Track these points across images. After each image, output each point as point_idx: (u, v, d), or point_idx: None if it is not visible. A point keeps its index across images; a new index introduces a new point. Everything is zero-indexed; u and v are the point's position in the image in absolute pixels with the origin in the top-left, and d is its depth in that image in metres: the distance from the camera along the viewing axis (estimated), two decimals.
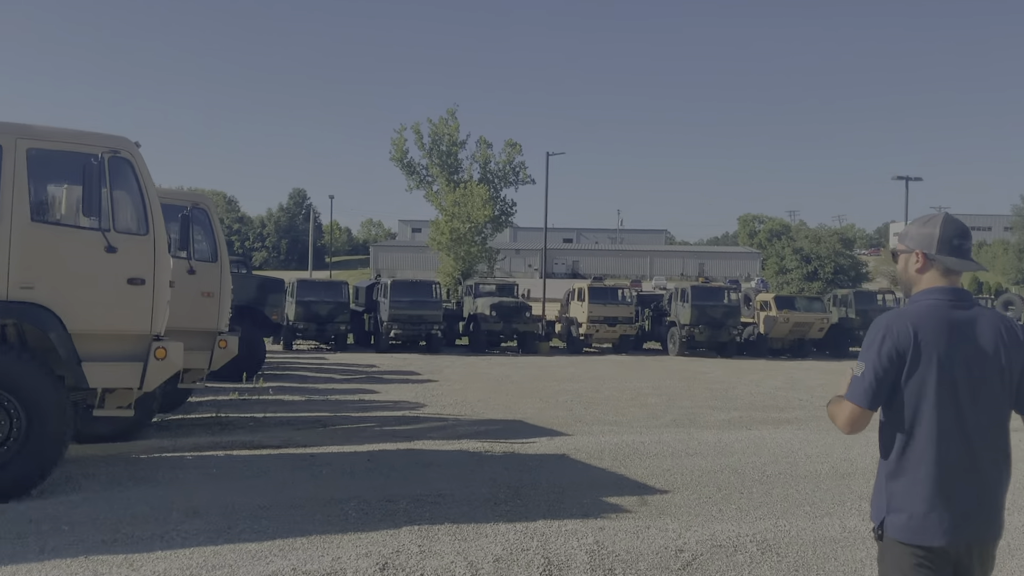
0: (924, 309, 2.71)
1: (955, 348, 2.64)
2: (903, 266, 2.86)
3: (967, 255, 2.78)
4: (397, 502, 6.59)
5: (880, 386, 2.65)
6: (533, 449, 9.29)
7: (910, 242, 2.84)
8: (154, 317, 7.02)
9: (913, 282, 2.83)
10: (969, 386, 2.64)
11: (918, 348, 2.62)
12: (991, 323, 2.72)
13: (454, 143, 52.59)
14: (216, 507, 6.32)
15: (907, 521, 2.63)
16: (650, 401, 15.21)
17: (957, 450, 2.62)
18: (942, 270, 2.76)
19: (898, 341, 2.64)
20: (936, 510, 2.60)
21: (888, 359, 2.64)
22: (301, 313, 28.27)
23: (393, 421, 11.53)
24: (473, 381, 18.65)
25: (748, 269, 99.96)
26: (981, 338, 2.68)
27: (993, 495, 2.67)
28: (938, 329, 2.65)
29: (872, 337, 2.70)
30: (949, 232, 2.76)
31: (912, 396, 2.64)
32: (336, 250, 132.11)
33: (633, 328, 31.87)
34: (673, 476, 8.02)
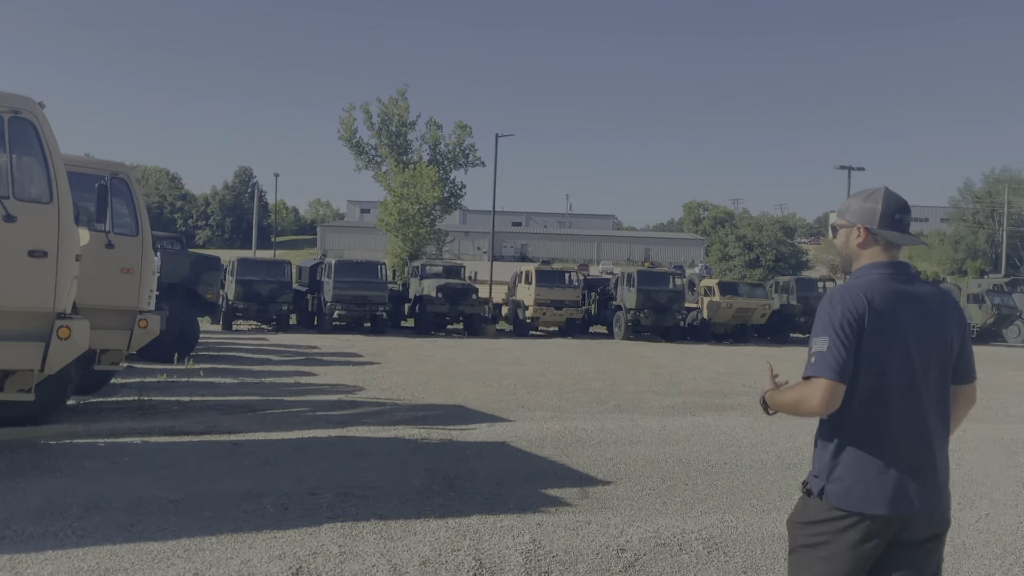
0: (871, 280, 2.68)
1: (904, 318, 2.63)
2: (844, 240, 2.82)
3: (907, 229, 2.78)
4: (321, 495, 6.13)
5: (848, 356, 2.56)
6: (472, 436, 8.89)
7: (851, 216, 2.80)
8: (57, 293, 6.50)
9: (854, 257, 2.80)
10: (918, 356, 2.62)
11: (874, 316, 2.59)
12: (933, 296, 2.72)
13: (404, 124, 51.97)
14: (121, 501, 5.79)
15: (851, 487, 2.58)
16: (594, 386, 14.93)
17: (904, 419, 2.59)
18: (884, 244, 2.75)
19: (854, 310, 2.59)
20: (881, 477, 2.56)
21: (850, 327, 2.57)
22: (241, 292, 27.55)
23: (328, 406, 11.03)
24: (416, 364, 18.20)
25: (692, 255, 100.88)
26: (926, 309, 2.67)
27: (940, 466, 2.64)
28: (889, 300, 2.63)
29: (826, 311, 2.63)
30: (891, 206, 2.75)
31: (866, 366, 2.58)
32: (283, 230, 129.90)
33: (579, 312, 31.77)
34: (616, 466, 7.70)
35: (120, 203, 9.35)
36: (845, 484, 2.59)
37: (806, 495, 2.70)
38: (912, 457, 2.58)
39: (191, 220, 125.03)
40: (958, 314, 2.76)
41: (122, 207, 9.39)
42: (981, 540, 5.69)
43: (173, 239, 24.48)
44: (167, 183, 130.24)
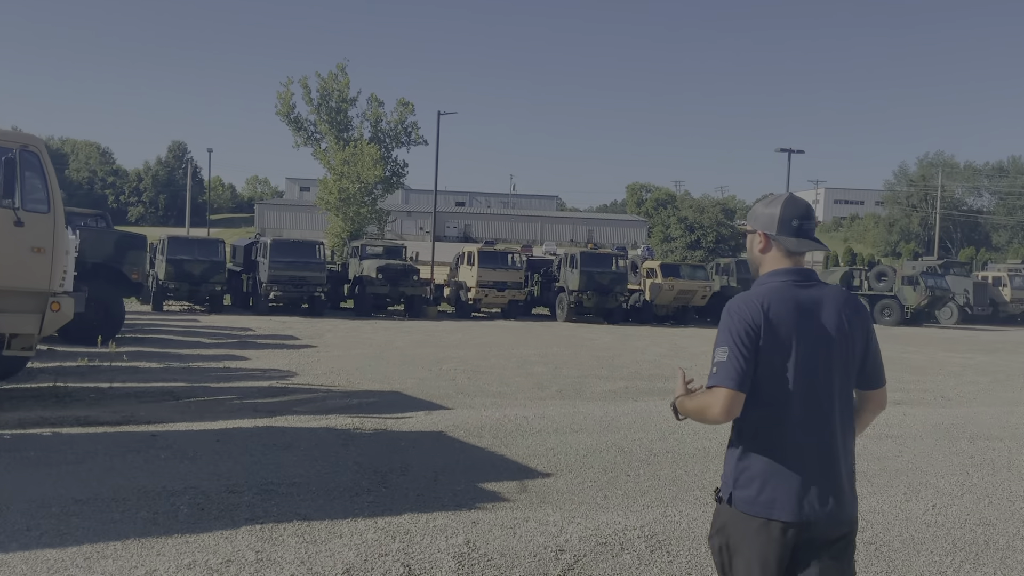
0: (770, 289, 2.71)
1: (803, 325, 2.64)
2: (750, 246, 2.88)
3: (808, 235, 2.78)
4: (241, 493, 5.73)
5: (748, 366, 2.59)
6: (408, 426, 8.54)
7: (755, 222, 2.84)
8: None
9: (759, 262, 2.84)
10: (818, 362, 2.63)
11: (769, 326, 2.61)
12: (835, 301, 2.72)
13: (344, 100, 50.94)
14: (21, 502, 5.32)
15: (756, 495, 2.60)
16: (536, 370, 14.68)
17: (807, 426, 2.61)
18: (784, 251, 2.77)
19: (751, 320, 2.62)
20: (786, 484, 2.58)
21: (747, 337, 2.61)
22: (172, 272, 26.65)
23: (257, 393, 10.56)
24: (354, 347, 17.74)
25: (635, 237, 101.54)
26: (827, 315, 2.68)
27: (843, 470, 2.65)
28: (786, 308, 2.65)
29: (725, 321, 2.67)
30: (789, 213, 2.77)
31: (765, 373, 2.61)
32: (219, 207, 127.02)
33: (522, 293, 31.53)
34: (557, 456, 7.43)
35: (30, 178, 8.71)
36: (751, 490, 2.63)
37: (717, 501, 2.73)
38: (815, 462, 2.60)
39: (123, 197, 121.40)
40: (863, 318, 2.76)
41: (33, 182, 8.75)
42: (930, 534, 5.55)
43: (97, 216, 23.45)
44: (97, 158, 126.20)
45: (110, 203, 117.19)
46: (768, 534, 2.58)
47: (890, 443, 8.74)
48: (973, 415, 10.99)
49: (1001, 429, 9.88)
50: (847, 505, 2.66)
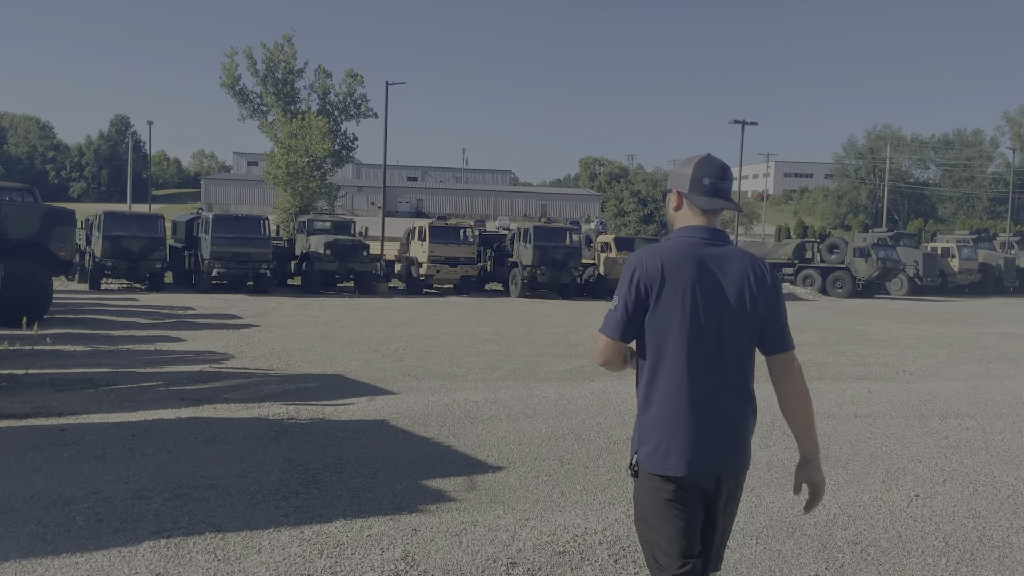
0: (674, 245, 2.73)
1: (701, 283, 2.65)
2: (667, 205, 2.89)
3: (721, 195, 2.79)
4: (150, 499, 5.04)
5: (631, 319, 2.66)
6: (348, 414, 7.88)
7: (671, 181, 2.87)
8: None
9: (672, 220, 2.86)
10: (714, 321, 2.65)
11: (663, 282, 2.64)
12: (740, 262, 2.72)
13: (290, 71, 49.57)
14: None
15: (652, 452, 2.65)
16: (488, 348, 14.09)
17: (700, 382, 2.64)
18: (696, 209, 2.78)
19: (646, 274, 2.65)
20: (679, 440, 2.62)
21: (636, 292, 2.65)
22: (109, 249, 25.49)
23: (186, 379, 9.79)
24: (299, 326, 16.96)
25: (588, 211, 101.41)
26: (728, 276, 2.69)
27: (738, 426, 2.68)
28: (685, 264, 2.66)
29: (624, 272, 2.72)
30: (702, 172, 2.79)
31: (658, 329, 2.65)
32: (164, 183, 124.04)
33: (475, 269, 30.90)
34: (509, 446, 6.84)
35: None
36: (648, 448, 2.67)
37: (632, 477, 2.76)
38: (705, 419, 2.63)
39: (64, 172, 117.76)
40: (767, 281, 2.75)
41: None
42: (919, 530, 5.07)
43: (23, 190, 22.13)
44: (37, 132, 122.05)
45: (51, 179, 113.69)
46: (668, 491, 2.63)
47: (860, 424, 8.32)
48: (939, 391, 10.66)
49: (970, 406, 9.54)
50: (733, 462, 2.69)
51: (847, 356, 14.57)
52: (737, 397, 2.70)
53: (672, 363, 2.64)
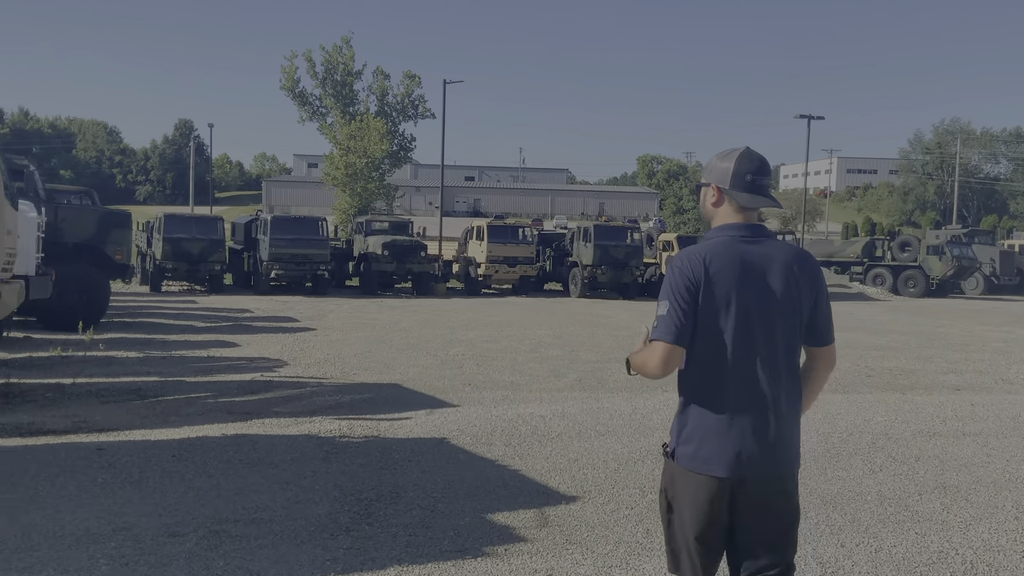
0: (716, 244, 2.68)
1: (746, 282, 2.61)
2: (703, 200, 2.82)
3: (761, 191, 2.74)
4: (184, 538, 4.49)
5: (686, 319, 2.60)
6: (405, 431, 7.29)
7: (709, 176, 2.80)
8: None
9: (711, 216, 2.79)
10: (760, 319, 2.61)
11: (709, 282, 2.60)
12: (783, 257, 2.68)
13: (349, 73, 49.48)
14: None
15: (696, 451, 2.61)
16: (551, 353, 13.43)
17: (747, 382, 2.61)
18: (736, 206, 2.73)
19: (691, 276, 2.61)
20: (723, 442, 2.58)
21: (687, 292, 2.60)
22: (169, 251, 25.54)
23: (236, 389, 9.31)
24: (356, 329, 16.53)
25: (646, 209, 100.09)
26: (773, 272, 2.65)
27: (785, 427, 2.64)
28: (729, 263, 2.62)
29: (668, 276, 2.67)
30: (744, 167, 2.72)
31: (704, 329, 2.61)
32: (227, 185, 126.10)
33: (534, 269, 30.28)
34: (582, 470, 6.17)
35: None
36: (691, 446, 2.63)
37: (665, 456, 2.75)
38: (751, 420, 2.60)
39: (131, 176, 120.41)
40: (812, 275, 2.72)
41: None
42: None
43: (81, 193, 22.18)
44: (104, 137, 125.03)
45: (118, 182, 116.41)
46: (705, 489, 2.59)
47: (971, 444, 7.45)
48: None
49: None
50: (784, 463, 2.66)
51: (934, 362, 13.56)
52: (785, 396, 2.65)
53: (717, 363, 2.61)
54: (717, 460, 2.58)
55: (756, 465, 2.59)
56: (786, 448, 2.66)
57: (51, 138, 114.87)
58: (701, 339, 2.61)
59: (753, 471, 2.59)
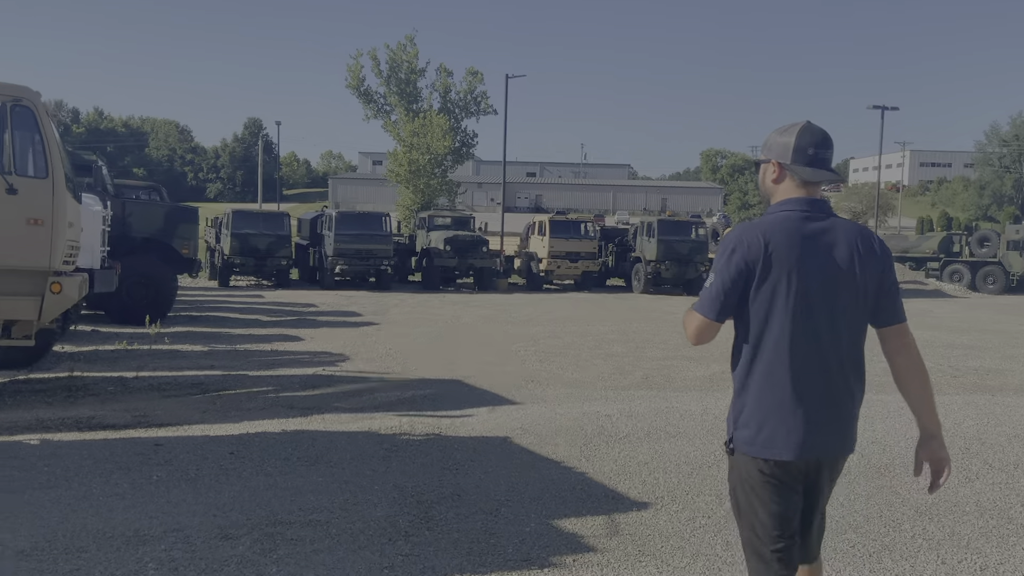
0: (776, 220, 2.59)
1: (807, 259, 2.53)
2: (762, 176, 2.74)
3: (824, 165, 2.64)
4: (237, 540, 4.30)
5: (728, 297, 2.54)
6: (467, 429, 7.04)
7: (768, 151, 2.72)
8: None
9: (770, 192, 2.71)
10: (822, 298, 2.53)
11: (768, 259, 2.51)
12: (846, 235, 2.59)
13: (413, 71, 49.66)
14: None
15: (755, 435, 2.55)
16: (616, 350, 13.07)
17: (808, 363, 2.53)
18: (798, 181, 2.64)
19: (748, 252, 2.52)
20: (785, 423, 2.51)
21: (737, 270, 2.53)
22: (237, 247, 25.91)
23: (298, 384, 9.19)
24: (418, 324, 16.40)
25: (710, 204, 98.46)
26: (835, 250, 2.57)
27: (844, 409, 2.58)
28: (790, 240, 2.54)
29: (722, 249, 2.58)
30: (805, 141, 2.64)
31: (762, 308, 2.53)
32: (295, 182, 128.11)
33: (596, 264, 29.87)
34: (653, 475, 5.83)
35: (23, 137, 7.43)
36: (750, 430, 2.57)
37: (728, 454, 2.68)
38: (814, 400, 2.52)
39: (202, 173, 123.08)
40: (876, 251, 2.62)
41: (27, 142, 7.48)
42: None
43: (150, 189, 22.54)
44: (176, 136, 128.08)
45: (189, 180, 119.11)
46: (770, 474, 2.53)
47: None
48: None
49: None
50: (850, 444, 2.63)
51: (1022, 362, 12.83)
52: (848, 377, 2.57)
53: (777, 344, 2.52)
54: (781, 443, 2.52)
55: (826, 447, 2.56)
56: (852, 429, 2.62)
57: (125, 137, 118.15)
58: (760, 318, 2.53)
59: (824, 453, 2.56)
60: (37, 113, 7.42)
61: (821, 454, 2.56)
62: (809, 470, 2.57)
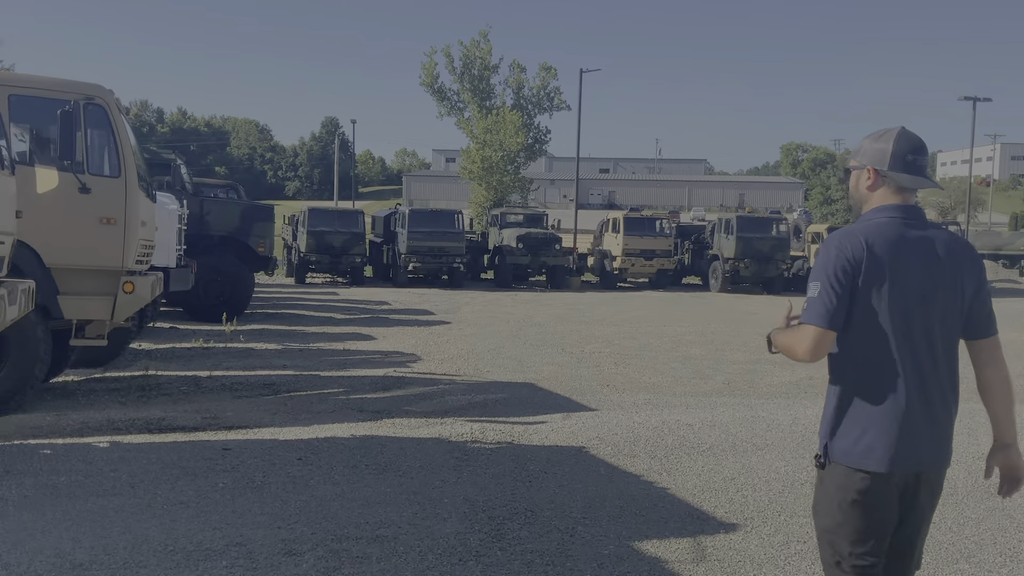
0: (875, 226, 2.53)
1: (907, 267, 2.48)
2: (855, 183, 2.68)
3: (921, 172, 2.62)
4: (301, 556, 4.09)
5: (839, 304, 2.45)
6: (540, 437, 6.75)
7: (862, 158, 2.66)
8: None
9: (864, 200, 2.66)
10: (920, 306, 2.48)
11: (871, 264, 2.45)
12: (944, 243, 2.55)
13: (486, 67, 49.72)
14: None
15: (852, 446, 2.47)
16: (694, 352, 12.63)
17: (908, 373, 2.46)
18: (894, 187, 2.59)
19: (851, 257, 2.46)
20: (886, 434, 2.44)
21: (844, 274, 2.45)
22: (313, 244, 26.21)
23: (369, 385, 9.04)
24: (490, 323, 16.20)
25: (790, 199, 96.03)
26: (934, 258, 2.51)
27: (942, 421, 2.52)
28: (891, 246, 2.48)
29: (824, 255, 2.52)
30: (903, 147, 2.59)
31: (863, 316, 2.47)
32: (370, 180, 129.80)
33: (672, 262, 29.28)
34: (741, 492, 5.45)
35: (96, 136, 7.43)
36: (848, 440, 2.49)
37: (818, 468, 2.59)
38: (913, 410, 2.46)
39: (280, 172, 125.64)
40: (973, 263, 2.58)
41: (99, 141, 7.48)
42: None
43: (227, 187, 22.86)
44: (256, 135, 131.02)
45: (269, 178, 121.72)
46: (866, 487, 2.45)
47: None
48: None
49: None
50: (948, 456, 2.56)
51: None
52: (944, 387, 2.52)
53: (877, 353, 2.46)
54: (881, 454, 2.44)
55: (924, 460, 2.49)
56: (949, 441, 2.56)
57: (207, 136, 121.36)
58: (860, 325, 2.47)
59: (923, 465, 2.49)
60: (110, 111, 7.40)
61: (920, 466, 2.48)
62: (908, 484, 2.49)
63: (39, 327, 7.07)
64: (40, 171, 6.95)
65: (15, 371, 7.02)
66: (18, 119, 7.00)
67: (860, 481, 2.46)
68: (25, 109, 7.13)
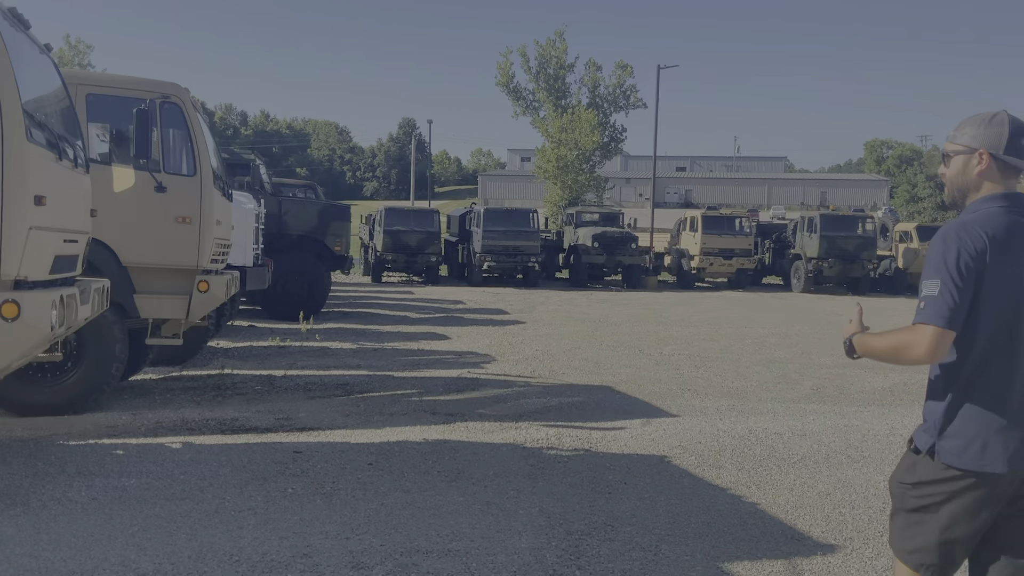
0: (992, 216, 2.38)
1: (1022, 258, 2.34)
2: (960, 168, 2.50)
3: None
4: (369, 569, 3.89)
5: (963, 302, 2.30)
6: (619, 444, 6.45)
7: (971, 141, 2.48)
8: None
9: (972, 187, 2.49)
10: None
11: (996, 255, 2.32)
12: None
13: (562, 66, 49.50)
14: (55, 572, 3.79)
15: (965, 445, 2.34)
16: (778, 355, 12.13)
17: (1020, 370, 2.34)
18: (1002, 174, 2.45)
19: (973, 252, 2.32)
20: (1002, 434, 2.32)
21: (967, 270, 2.31)
22: (389, 243, 26.32)
23: (442, 387, 8.86)
24: (565, 324, 15.92)
25: (874, 197, 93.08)
26: None
27: None
28: (1011, 237, 2.35)
29: (940, 251, 2.35)
30: (1018, 131, 2.45)
31: (986, 310, 2.32)
32: (446, 180, 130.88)
33: (752, 261, 28.53)
34: (838, 509, 5.06)
35: (172, 134, 7.42)
36: (960, 441, 2.37)
37: (913, 452, 2.48)
38: None
39: (359, 172, 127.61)
40: None
41: (175, 139, 7.47)
42: None
43: (306, 187, 23.11)
44: (336, 137, 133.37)
45: (348, 179, 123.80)
46: (977, 489, 2.34)
47: None
48: None
49: None
50: None
51: None
52: None
53: (997, 350, 2.33)
54: (994, 455, 2.33)
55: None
56: None
57: (288, 138, 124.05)
58: (983, 321, 2.35)
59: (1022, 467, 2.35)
60: (185, 110, 7.39)
61: None
62: (1016, 486, 2.38)
63: (116, 326, 7.09)
64: (117, 170, 6.98)
65: (92, 370, 7.04)
66: (96, 118, 7.05)
67: (969, 482, 2.36)
68: (102, 108, 7.16)
